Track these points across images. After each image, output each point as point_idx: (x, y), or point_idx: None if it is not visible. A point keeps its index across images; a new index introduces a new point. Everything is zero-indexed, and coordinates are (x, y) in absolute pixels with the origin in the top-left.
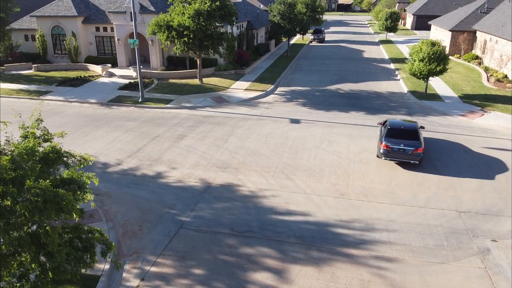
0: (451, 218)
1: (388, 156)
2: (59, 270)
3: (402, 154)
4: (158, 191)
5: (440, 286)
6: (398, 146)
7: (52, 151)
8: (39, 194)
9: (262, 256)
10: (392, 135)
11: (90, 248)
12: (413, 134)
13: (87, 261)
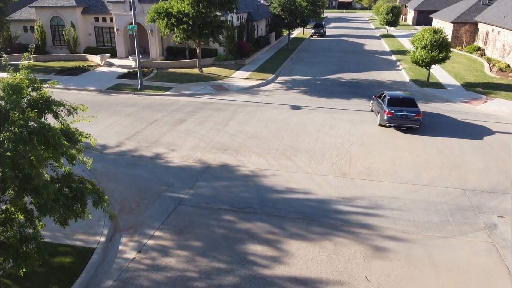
0: (456, 196)
1: (392, 122)
2: (46, 208)
3: (405, 119)
4: (156, 171)
5: (446, 259)
6: (401, 112)
7: (41, 99)
8: (23, 125)
9: (262, 231)
10: (393, 103)
11: (80, 197)
12: (412, 102)
13: (77, 210)
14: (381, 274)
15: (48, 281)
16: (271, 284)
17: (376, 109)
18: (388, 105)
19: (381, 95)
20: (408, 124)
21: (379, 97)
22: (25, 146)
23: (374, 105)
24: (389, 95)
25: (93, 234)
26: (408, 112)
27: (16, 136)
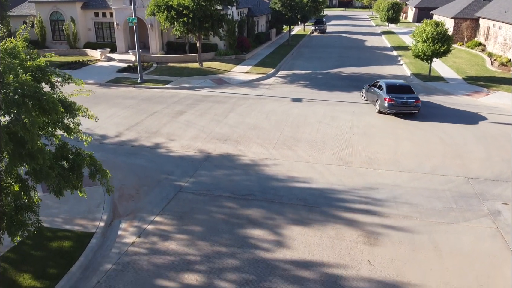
0: (459, 183)
1: (393, 108)
2: (41, 174)
3: (405, 106)
4: (156, 160)
5: (450, 245)
6: (401, 99)
7: (38, 68)
8: (17, 88)
9: (263, 217)
10: (392, 91)
11: (77, 168)
12: (409, 89)
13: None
14: (384, 258)
15: (46, 264)
16: (272, 267)
17: (371, 97)
18: (387, 92)
19: (375, 84)
20: (408, 110)
21: (373, 86)
22: (19, 109)
23: (368, 94)
24: (386, 83)
25: (92, 220)
26: (408, 99)
27: (9, 98)
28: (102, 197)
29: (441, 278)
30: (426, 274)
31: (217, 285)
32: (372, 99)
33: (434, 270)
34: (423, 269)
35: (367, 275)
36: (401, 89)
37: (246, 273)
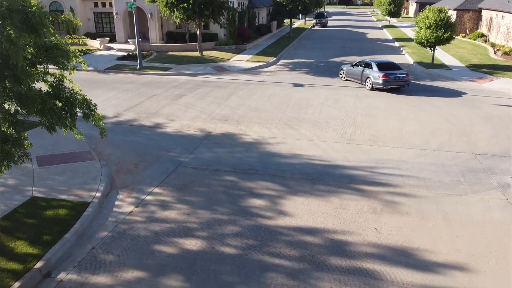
0: (467, 159)
1: (388, 84)
2: (26, 99)
3: (398, 81)
4: (155, 138)
5: (460, 214)
6: (395, 75)
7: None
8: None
9: (265, 189)
10: (383, 68)
11: (70, 108)
12: (397, 65)
13: (66, 121)
14: (391, 226)
15: (39, 231)
16: (275, 233)
17: (357, 76)
18: (380, 69)
19: (361, 63)
20: (401, 85)
21: (358, 65)
22: (4, 21)
23: (351, 74)
24: (375, 61)
25: (88, 190)
26: (400, 74)
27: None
28: (99, 171)
29: (452, 244)
30: (436, 241)
31: (218, 249)
32: (359, 78)
33: (443, 237)
34: (432, 237)
35: (374, 241)
36: (390, 66)
37: (248, 239)
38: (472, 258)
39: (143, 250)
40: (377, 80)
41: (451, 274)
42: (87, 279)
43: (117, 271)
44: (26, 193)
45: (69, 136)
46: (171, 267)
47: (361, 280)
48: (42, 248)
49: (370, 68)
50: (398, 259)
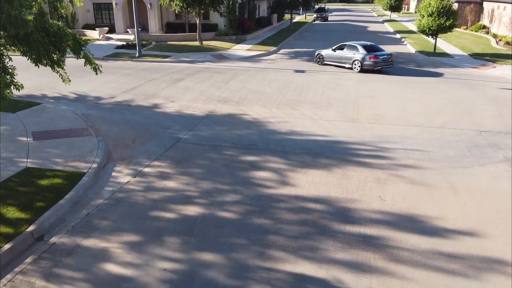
0: (472, 135)
1: (378, 65)
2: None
3: (385, 61)
4: (154, 117)
5: (466, 184)
6: (383, 56)
7: None
8: None
9: (266, 162)
10: (370, 50)
11: (59, 42)
12: (380, 47)
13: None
14: (396, 194)
15: (33, 198)
16: (276, 200)
17: (341, 60)
18: (368, 52)
19: (342, 47)
20: (388, 66)
21: (340, 49)
22: None
23: (335, 57)
24: (360, 44)
25: (84, 162)
26: (386, 55)
27: None
28: (95, 145)
29: (459, 211)
30: (443, 208)
31: (218, 215)
32: (343, 61)
33: (450, 205)
34: (438, 204)
35: (379, 208)
36: (375, 48)
37: (249, 205)
38: (480, 224)
39: (140, 216)
40: (367, 62)
41: (460, 239)
42: (80, 242)
43: (112, 234)
44: (20, 164)
45: (65, 114)
46: (169, 230)
47: (366, 242)
48: (34, 214)
49: (356, 51)
50: (404, 224)
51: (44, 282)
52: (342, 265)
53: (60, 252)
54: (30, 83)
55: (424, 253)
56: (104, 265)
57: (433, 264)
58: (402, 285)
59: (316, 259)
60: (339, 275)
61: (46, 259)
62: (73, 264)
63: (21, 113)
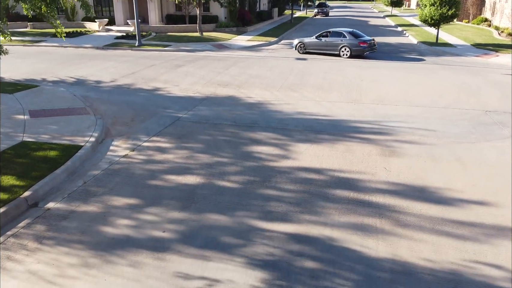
0: (477, 115)
1: (368, 50)
2: None
3: (372, 46)
4: (153, 98)
5: (473, 157)
6: (370, 41)
7: None
8: None
9: (267, 138)
10: (357, 36)
11: None
12: (362, 33)
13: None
14: (401, 166)
15: (28, 168)
16: (278, 171)
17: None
18: (356, 38)
19: (327, 34)
20: (373, 51)
21: (325, 36)
22: None
23: (319, 44)
24: (346, 30)
25: (81, 136)
26: (372, 40)
27: None
28: (93, 122)
29: (467, 182)
30: (450, 179)
31: (219, 184)
32: (328, 48)
33: (457, 176)
34: (445, 175)
35: (384, 178)
36: (360, 34)
37: (250, 176)
38: (490, 193)
39: (138, 184)
40: (357, 47)
41: (469, 207)
42: (76, 208)
43: (109, 200)
44: (16, 139)
45: (63, 95)
46: (168, 197)
47: (371, 209)
48: (29, 182)
49: (343, 37)
50: (411, 193)
51: (37, 244)
52: (347, 228)
53: (55, 217)
54: (29, 69)
55: (432, 219)
56: (101, 228)
57: (442, 229)
58: (410, 246)
59: (319, 222)
60: (344, 236)
61: (40, 223)
62: (68, 227)
63: (18, 94)
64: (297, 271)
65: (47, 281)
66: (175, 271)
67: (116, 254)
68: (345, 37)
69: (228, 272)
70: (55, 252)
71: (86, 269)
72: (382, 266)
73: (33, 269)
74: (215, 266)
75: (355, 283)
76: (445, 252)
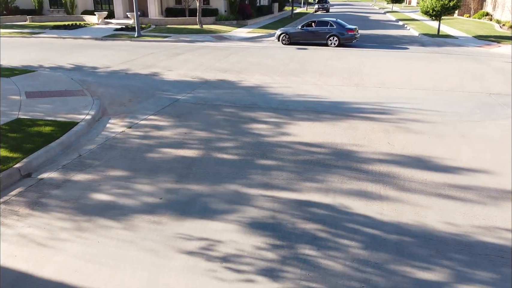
0: (481, 97)
1: (355, 37)
2: None
3: (357, 34)
4: (151, 82)
5: (478, 134)
6: (355, 29)
7: None
8: None
9: (267, 117)
10: (343, 25)
11: None
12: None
13: None
14: (405, 141)
15: (22, 142)
16: (278, 146)
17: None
18: (343, 27)
19: (312, 24)
20: (356, 39)
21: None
22: None
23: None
24: (333, 20)
25: (77, 114)
26: (356, 28)
27: None
28: (90, 102)
29: (473, 154)
30: (455, 152)
31: (218, 156)
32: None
33: (463, 149)
34: (451, 148)
35: (387, 151)
36: (345, 23)
37: (250, 150)
38: (495, 164)
39: (135, 157)
40: (345, 36)
41: (476, 176)
42: (70, 178)
43: (104, 171)
44: (11, 116)
45: (61, 79)
46: (165, 169)
47: (375, 177)
48: (23, 154)
49: (331, 26)
50: (415, 163)
51: (29, 210)
52: (349, 194)
53: (48, 186)
54: (27, 57)
55: (438, 186)
56: (95, 195)
57: (448, 194)
58: (415, 211)
59: (321, 189)
60: (347, 202)
61: (32, 192)
62: (61, 195)
63: (15, 77)
64: (299, 233)
65: (37, 243)
66: (172, 234)
67: (110, 219)
68: (333, 26)
69: (229, 233)
70: (47, 218)
71: (79, 233)
72: (388, 230)
73: (23, 232)
74: (215, 228)
75: (359, 243)
76: (453, 216)
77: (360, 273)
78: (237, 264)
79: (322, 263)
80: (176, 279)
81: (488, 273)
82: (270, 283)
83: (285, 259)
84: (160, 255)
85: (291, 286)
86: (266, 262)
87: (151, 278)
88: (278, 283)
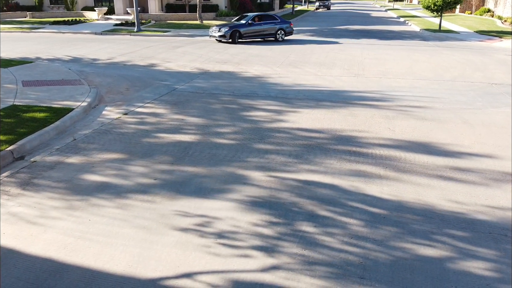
0: (483, 87)
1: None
2: None
3: None
4: (149, 73)
5: (481, 120)
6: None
7: None
8: None
9: (266, 105)
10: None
11: None
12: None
13: None
14: (406, 127)
15: (16, 126)
16: (277, 131)
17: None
18: (286, 20)
19: (255, 19)
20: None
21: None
22: None
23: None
24: (274, 14)
25: (73, 101)
26: None
27: None
28: (87, 90)
29: (475, 139)
30: (457, 137)
31: (215, 141)
32: (261, 33)
33: (465, 134)
34: (453, 134)
35: (388, 136)
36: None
37: (248, 135)
38: (498, 149)
39: (130, 141)
40: (290, 29)
41: (478, 160)
42: (64, 160)
43: (98, 154)
44: (6, 103)
45: (58, 69)
46: (160, 152)
47: (375, 160)
48: (16, 137)
49: (276, 20)
50: (416, 148)
51: (20, 190)
52: (349, 175)
53: (41, 168)
54: (25, 49)
55: (440, 168)
56: (88, 176)
57: (450, 176)
58: (416, 191)
59: (320, 171)
60: (346, 182)
61: (24, 173)
62: (54, 176)
63: (12, 68)
64: (297, 210)
65: (26, 221)
66: (166, 211)
67: (103, 198)
68: (277, 20)
69: (224, 211)
70: (38, 197)
71: (70, 211)
72: (388, 207)
73: (13, 211)
74: (210, 206)
75: (359, 221)
76: (455, 195)
77: (359, 249)
78: (232, 240)
79: (319, 239)
80: (167, 254)
81: (491, 251)
82: (266, 258)
83: (281, 235)
84: (153, 232)
85: (287, 261)
86: (262, 238)
87: (143, 254)
88: (274, 258)
